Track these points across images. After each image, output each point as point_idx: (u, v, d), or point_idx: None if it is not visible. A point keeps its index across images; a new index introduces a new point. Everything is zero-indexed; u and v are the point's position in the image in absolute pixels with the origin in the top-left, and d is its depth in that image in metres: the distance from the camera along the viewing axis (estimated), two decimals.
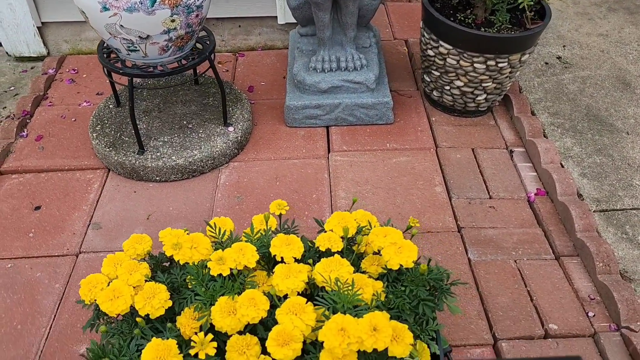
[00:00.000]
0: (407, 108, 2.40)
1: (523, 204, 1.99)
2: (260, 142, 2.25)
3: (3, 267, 1.79)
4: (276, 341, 0.96)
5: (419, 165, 2.13)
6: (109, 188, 2.06)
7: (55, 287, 1.73)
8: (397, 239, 1.14)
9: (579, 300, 1.67)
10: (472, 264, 1.78)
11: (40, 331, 1.61)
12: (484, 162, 2.14)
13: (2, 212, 1.98)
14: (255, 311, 1.00)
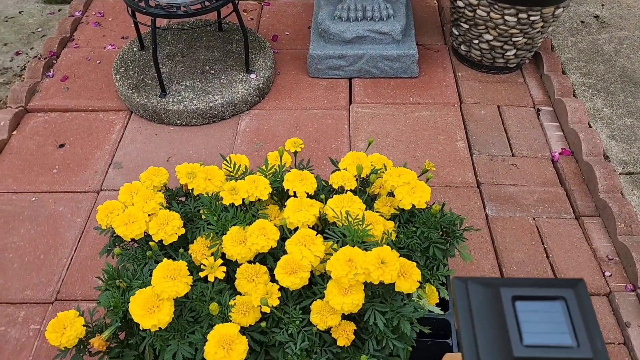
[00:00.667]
0: (433, 62, 2.34)
1: (546, 163, 1.95)
2: (281, 91, 2.23)
3: (28, 200, 1.84)
4: (284, 269, 0.97)
5: (442, 120, 2.09)
6: (131, 130, 2.08)
7: (77, 221, 1.78)
8: (410, 179, 1.13)
9: (597, 259, 1.64)
10: (489, 219, 1.76)
11: (62, 261, 1.66)
12: (509, 120, 2.09)
13: (28, 148, 2.02)
14: (265, 240, 1.01)
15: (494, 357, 0.52)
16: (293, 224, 1.06)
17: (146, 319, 0.92)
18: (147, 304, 0.94)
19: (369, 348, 1.02)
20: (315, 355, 0.98)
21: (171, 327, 1.00)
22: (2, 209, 1.82)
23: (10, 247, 1.71)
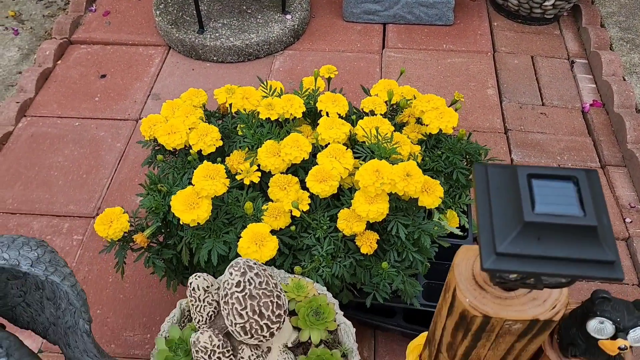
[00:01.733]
0: (469, 11, 2.33)
1: (576, 113, 1.95)
2: (316, 33, 2.26)
3: (71, 124, 1.94)
4: (315, 177, 1.03)
5: (474, 67, 2.10)
6: (169, 64, 2.15)
7: (117, 145, 1.87)
8: (439, 104, 1.17)
9: (619, 206, 1.67)
10: (514, 163, 1.79)
11: (102, 181, 1.76)
12: (542, 70, 2.09)
13: (72, 77, 2.11)
14: (299, 152, 1.07)
15: (506, 221, 0.57)
16: (325, 140, 1.12)
17: (186, 214, 1.00)
18: (188, 200, 1.01)
19: (390, 258, 1.09)
20: (339, 259, 1.05)
21: (207, 227, 1.08)
22: (47, 131, 1.92)
23: (56, 166, 1.81)
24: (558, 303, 0.71)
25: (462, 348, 0.79)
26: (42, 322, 0.91)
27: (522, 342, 0.75)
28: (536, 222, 0.56)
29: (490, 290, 0.72)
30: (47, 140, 1.89)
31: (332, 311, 0.94)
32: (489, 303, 0.71)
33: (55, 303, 0.87)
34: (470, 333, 0.75)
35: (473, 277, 0.74)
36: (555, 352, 0.82)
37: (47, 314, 0.90)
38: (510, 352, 0.78)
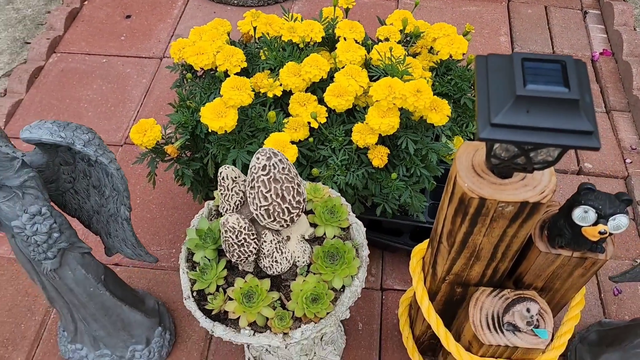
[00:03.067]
0: None
1: (586, 61, 2.00)
2: None
3: (99, 61, 2.04)
4: (332, 92, 1.12)
5: (488, 15, 2.15)
6: (192, 6, 2.22)
7: (142, 81, 1.97)
8: (450, 32, 1.25)
9: (620, 148, 1.74)
10: None
11: (129, 113, 1.87)
12: (555, 20, 2.14)
13: (98, 17, 2.19)
14: (318, 70, 1.16)
15: (500, 97, 0.66)
16: (342, 62, 1.20)
17: (215, 122, 1.10)
18: (216, 110, 1.11)
19: (399, 173, 1.18)
20: (352, 169, 1.15)
21: (232, 139, 1.18)
22: (76, 67, 2.02)
23: (85, 98, 1.92)
24: (547, 189, 0.80)
25: (460, 235, 0.89)
26: (87, 209, 1.03)
27: (513, 228, 0.85)
28: (526, 96, 0.64)
29: (486, 178, 0.82)
30: (76, 75, 1.99)
31: (345, 211, 1.04)
32: (485, 187, 0.80)
33: (100, 190, 0.98)
34: (467, 218, 0.84)
35: (472, 167, 0.83)
36: (544, 243, 0.92)
37: (92, 201, 1.01)
38: (503, 239, 0.88)
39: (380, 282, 1.48)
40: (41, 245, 0.93)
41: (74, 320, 1.20)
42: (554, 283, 0.99)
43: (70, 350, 1.30)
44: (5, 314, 1.44)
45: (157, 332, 1.31)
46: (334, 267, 0.96)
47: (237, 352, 1.37)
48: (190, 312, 0.96)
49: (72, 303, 1.13)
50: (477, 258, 0.94)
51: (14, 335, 1.40)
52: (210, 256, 0.99)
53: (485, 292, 1.01)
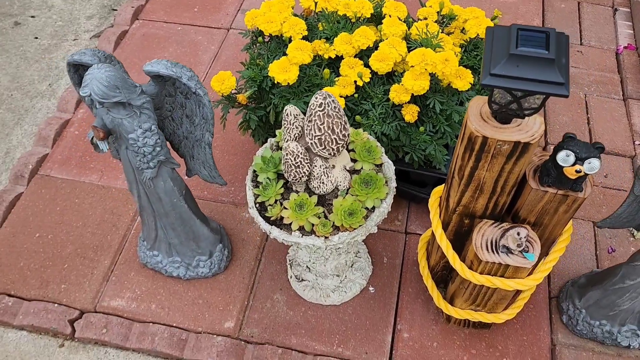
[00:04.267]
0: None
1: (610, 54, 2.19)
2: None
3: (174, 29, 2.35)
4: (376, 57, 1.38)
5: (523, 7, 2.35)
6: None
7: (211, 48, 2.27)
8: (480, 14, 1.48)
9: (631, 132, 1.94)
10: None
11: (200, 75, 2.17)
12: (585, 15, 2.32)
13: None
14: (365, 39, 1.42)
15: (499, 54, 0.90)
16: (386, 34, 1.45)
17: (280, 75, 1.38)
18: (282, 66, 1.39)
19: (426, 128, 1.43)
20: (388, 121, 1.41)
21: (292, 92, 1.45)
22: (156, 32, 2.34)
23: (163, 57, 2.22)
24: (536, 133, 1.04)
25: (467, 169, 1.14)
26: (179, 135, 1.32)
27: (509, 164, 1.10)
28: (517, 54, 0.89)
29: (490, 123, 1.06)
30: (155, 40, 2.31)
31: (379, 151, 1.30)
32: (487, 129, 1.05)
33: (191, 119, 1.27)
34: (473, 154, 1.09)
35: (480, 114, 1.08)
36: (535, 182, 1.16)
37: (184, 128, 1.31)
38: (501, 174, 1.13)
39: (405, 227, 1.74)
40: (147, 155, 1.22)
41: (156, 228, 1.51)
42: (544, 218, 1.22)
43: (149, 256, 1.62)
44: (95, 227, 1.76)
45: (218, 248, 1.61)
46: (368, 190, 1.23)
47: (281, 272, 1.66)
48: (244, 237, 1.25)
49: (157, 212, 1.43)
50: (481, 191, 1.19)
51: (102, 244, 1.72)
52: (271, 177, 1.27)
53: (488, 223, 1.26)
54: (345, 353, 1.51)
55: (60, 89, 2.18)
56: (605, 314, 1.43)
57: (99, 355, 1.56)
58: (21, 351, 1.57)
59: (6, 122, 2.09)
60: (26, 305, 1.60)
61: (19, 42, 2.36)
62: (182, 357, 1.52)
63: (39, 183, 1.87)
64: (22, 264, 1.68)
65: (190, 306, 1.59)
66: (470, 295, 1.37)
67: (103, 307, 1.60)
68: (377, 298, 1.60)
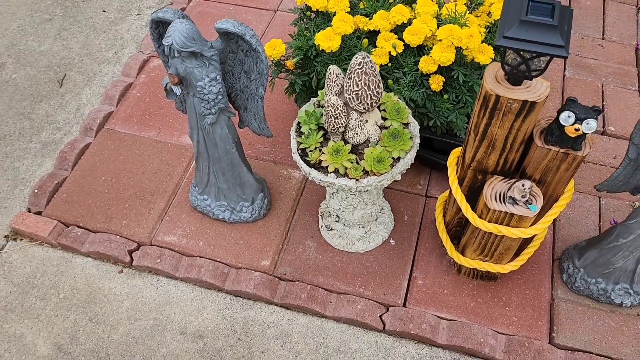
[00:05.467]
0: None
1: (630, 49, 2.34)
2: None
3: (227, 8, 2.59)
4: (409, 32, 1.58)
5: None
6: None
7: (259, 27, 2.50)
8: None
9: None
10: (565, 78, 2.23)
11: None
12: (610, 12, 2.47)
13: None
14: (401, 16, 1.62)
15: (512, 20, 1.10)
16: (419, 13, 1.65)
17: (325, 43, 1.59)
18: (327, 35, 1.60)
19: (450, 97, 1.63)
20: (416, 88, 1.61)
21: (333, 59, 1.66)
22: (210, 11, 2.58)
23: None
24: (542, 95, 1.23)
25: (482, 126, 1.33)
26: (237, 88, 1.55)
27: (518, 122, 1.28)
28: (526, 20, 1.08)
29: (503, 84, 1.25)
30: (209, 18, 2.55)
31: (406, 112, 1.50)
32: (500, 89, 1.24)
33: (248, 74, 1.49)
34: (487, 111, 1.28)
35: (495, 77, 1.27)
36: (541, 141, 1.34)
37: (241, 83, 1.53)
38: (511, 131, 1.31)
39: (426, 191, 1.93)
40: (210, 102, 1.45)
41: (209, 173, 1.73)
42: (547, 176, 1.40)
43: (199, 200, 1.85)
44: (152, 175, 2.01)
45: (260, 197, 1.83)
46: (395, 142, 1.43)
47: (313, 222, 1.87)
48: (282, 191, 1.46)
49: (212, 157, 1.66)
50: (493, 147, 1.38)
51: (158, 189, 1.97)
52: (313, 128, 1.48)
53: (498, 179, 1.45)
54: (365, 293, 1.71)
55: (124, 56, 2.44)
56: (600, 272, 1.60)
57: (152, 281, 1.80)
58: (87, 274, 1.82)
59: (77, 82, 2.36)
60: (92, 236, 1.85)
61: (88, 14, 2.64)
62: (224, 287, 1.75)
63: (105, 135, 2.13)
64: (90, 202, 1.94)
65: (233, 245, 1.82)
66: (480, 245, 1.56)
67: (157, 241, 1.84)
68: (396, 249, 1.80)
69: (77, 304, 1.75)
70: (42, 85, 2.34)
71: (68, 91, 2.32)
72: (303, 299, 1.69)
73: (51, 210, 1.92)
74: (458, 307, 1.67)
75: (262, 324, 1.70)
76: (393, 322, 1.64)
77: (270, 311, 1.72)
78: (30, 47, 2.49)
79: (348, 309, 1.67)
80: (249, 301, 1.74)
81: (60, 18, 2.61)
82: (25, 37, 2.53)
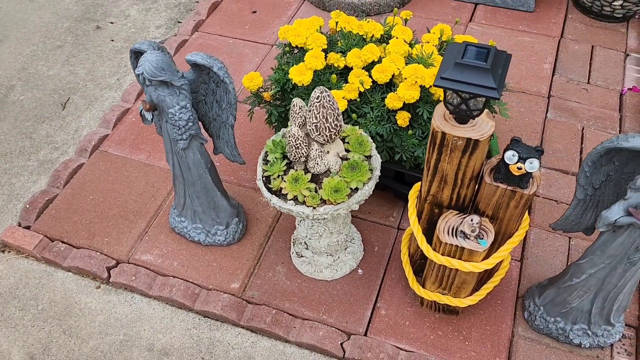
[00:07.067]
0: (551, 3, 2.79)
1: (615, 94, 2.37)
2: (418, 4, 2.84)
3: (227, 41, 2.72)
4: (378, 69, 1.66)
5: (539, 46, 2.58)
6: (302, 10, 2.86)
7: (255, 60, 2.61)
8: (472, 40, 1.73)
9: None
10: (546, 120, 2.27)
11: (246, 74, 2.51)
12: (597, 57, 2.52)
13: (232, 10, 2.89)
14: (372, 54, 1.70)
15: (449, 63, 1.16)
16: (390, 52, 1.73)
17: (298, 77, 1.68)
18: (299, 70, 1.69)
19: (416, 133, 1.69)
20: (382, 123, 1.67)
21: (307, 92, 1.75)
22: (210, 43, 2.71)
23: None
24: (486, 133, 1.28)
25: (432, 161, 1.38)
26: (209, 117, 1.64)
27: (465, 158, 1.33)
28: (461, 63, 1.14)
29: (449, 122, 1.31)
30: (209, 49, 2.68)
31: (369, 145, 1.56)
32: (447, 127, 1.30)
33: (220, 104, 1.58)
34: (436, 147, 1.34)
35: (443, 116, 1.33)
36: (490, 177, 1.39)
37: (213, 112, 1.62)
38: (460, 167, 1.36)
39: (398, 223, 1.98)
40: (181, 128, 1.54)
41: (185, 196, 1.81)
42: (499, 212, 1.44)
43: (177, 222, 1.93)
44: (138, 196, 2.10)
45: (235, 221, 1.90)
46: (353, 173, 1.49)
47: (285, 249, 1.92)
48: (258, 217, 1.53)
49: (187, 180, 1.74)
50: (445, 182, 1.42)
51: (141, 210, 2.05)
52: (278, 157, 1.56)
53: (453, 213, 1.49)
54: (328, 320, 1.74)
55: (125, 83, 2.58)
56: (559, 312, 1.61)
57: (127, 298, 1.87)
58: (65, 288, 1.90)
59: (79, 106, 2.49)
60: (75, 252, 1.94)
61: (97, 42, 2.80)
62: (194, 307, 1.80)
63: (98, 157, 2.24)
64: (76, 219, 2.03)
65: (206, 267, 1.88)
66: (437, 278, 1.59)
67: (135, 260, 1.92)
68: (363, 279, 1.84)
69: (53, 316, 1.83)
70: (46, 107, 2.48)
71: (69, 114, 2.46)
72: (267, 323, 1.74)
73: (39, 225, 2.02)
74: (418, 339, 1.69)
75: (226, 345, 1.74)
76: (353, 350, 1.67)
77: (235, 333, 1.77)
78: (39, 71, 2.65)
79: (310, 334, 1.71)
80: (217, 322, 1.79)
81: (70, 45, 2.78)
82: (36, 62, 2.69)
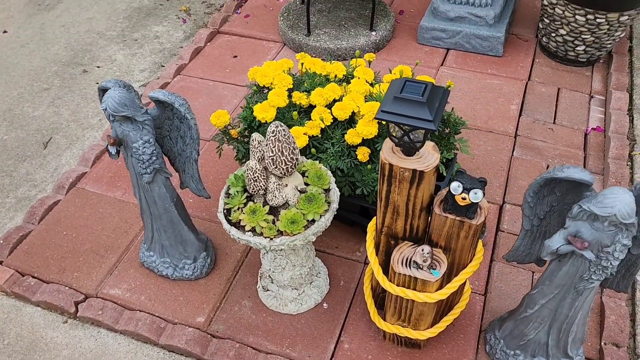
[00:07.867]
0: (519, 48, 2.90)
1: (579, 133, 2.44)
2: (392, 49, 2.96)
3: (207, 84, 2.82)
4: (338, 107, 1.73)
5: (507, 88, 2.67)
6: (281, 55, 2.97)
7: (233, 101, 2.70)
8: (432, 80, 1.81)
9: None
10: (512, 158, 2.33)
11: None
12: (563, 99, 2.61)
13: (214, 54, 3.01)
14: (333, 94, 1.78)
15: (390, 98, 1.22)
16: (352, 91, 1.81)
17: (261, 115, 1.75)
18: (263, 108, 1.76)
19: (376, 168, 1.74)
20: (343, 158, 1.73)
21: None
22: (191, 86, 2.81)
23: (196, 107, 2.67)
24: (431, 165, 1.33)
25: (384, 192, 1.43)
26: (174, 152, 1.70)
27: (413, 189, 1.38)
28: (400, 97, 1.21)
29: (397, 154, 1.37)
30: (190, 91, 2.78)
31: (327, 178, 1.61)
32: (394, 159, 1.35)
33: (184, 139, 1.65)
34: (385, 178, 1.39)
35: (391, 149, 1.38)
36: (439, 208, 1.43)
37: (178, 147, 1.68)
38: (410, 198, 1.41)
39: (365, 258, 2.00)
40: (145, 162, 1.60)
41: (152, 229, 1.85)
42: (451, 243, 1.48)
43: (147, 256, 1.95)
44: (111, 231, 2.13)
45: (202, 256, 1.93)
46: (309, 205, 1.53)
47: (252, 283, 1.94)
48: (228, 252, 1.57)
49: (154, 214, 1.78)
50: (398, 213, 1.47)
51: (113, 245, 2.08)
52: (238, 190, 1.61)
53: (407, 244, 1.52)
54: (291, 354, 1.74)
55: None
56: (517, 344, 1.61)
57: (93, 333, 1.87)
58: (33, 323, 1.91)
59: (60, 145, 2.56)
60: (44, 286, 1.96)
61: (83, 85, 2.90)
62: (159, 341, 1.81)
63: (74, 194, 2.29)
64: (48, 254, 2.06)
65: (172, 301, 1.90)
66: (396, 310, 1.61)
67: (103, 294, 1.94)
68: (328, 313, 1.85)
69: (18, 351, 1.83)
70: (29, 147, 2.55)
71: (50, 152, 2.52)
72: (230, 357, 1.74)
73: (11, 260, 2.05)
74: None
75: None
76: None
77: None
78: (25, 112, 2.73)
79: None
80: (181, 357, 1.79)
81: (57, 88, 2.88)
82: (22, 104, 2.78)
